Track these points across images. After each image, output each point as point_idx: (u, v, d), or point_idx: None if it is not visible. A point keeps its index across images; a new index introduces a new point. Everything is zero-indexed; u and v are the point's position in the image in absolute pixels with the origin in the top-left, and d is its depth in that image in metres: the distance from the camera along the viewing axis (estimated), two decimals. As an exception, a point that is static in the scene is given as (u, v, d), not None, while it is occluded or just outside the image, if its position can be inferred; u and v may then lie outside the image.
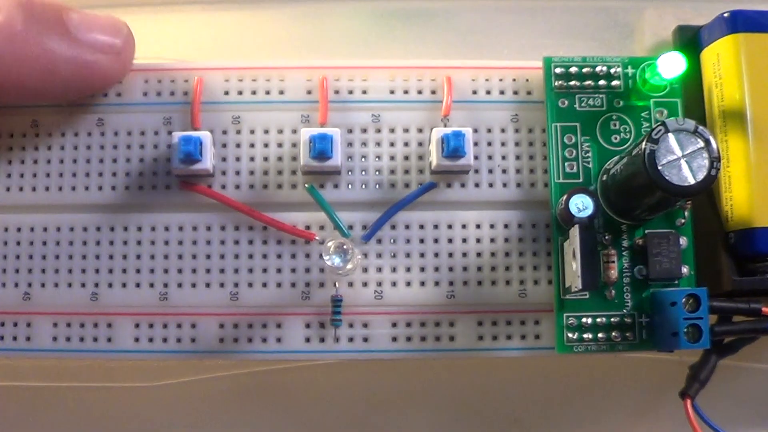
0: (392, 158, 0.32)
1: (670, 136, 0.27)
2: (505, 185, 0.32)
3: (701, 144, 0.27)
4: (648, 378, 0.35)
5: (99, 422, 0.35)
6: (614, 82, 0.32)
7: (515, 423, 0.35)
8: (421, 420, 0.35)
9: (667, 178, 0.27)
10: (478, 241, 0.32)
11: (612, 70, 0.32)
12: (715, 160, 0.27)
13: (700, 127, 0.27)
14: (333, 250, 0.30)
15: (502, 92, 0.33)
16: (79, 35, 0.30)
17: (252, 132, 0.32)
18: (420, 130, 0.32)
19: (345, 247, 0.30)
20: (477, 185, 0.32)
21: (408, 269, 0.32)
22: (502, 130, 0.33)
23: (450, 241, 0.32)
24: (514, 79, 0.33)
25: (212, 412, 0.35)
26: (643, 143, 0.27)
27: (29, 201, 0.32)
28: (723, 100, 0.32)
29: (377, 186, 0.32)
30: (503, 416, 0.35)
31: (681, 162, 0.27)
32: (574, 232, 0.28)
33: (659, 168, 0.27)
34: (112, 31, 0.31)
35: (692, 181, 0.27)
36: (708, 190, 0.32)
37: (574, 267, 0.28)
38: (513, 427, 0.35)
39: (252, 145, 0.32)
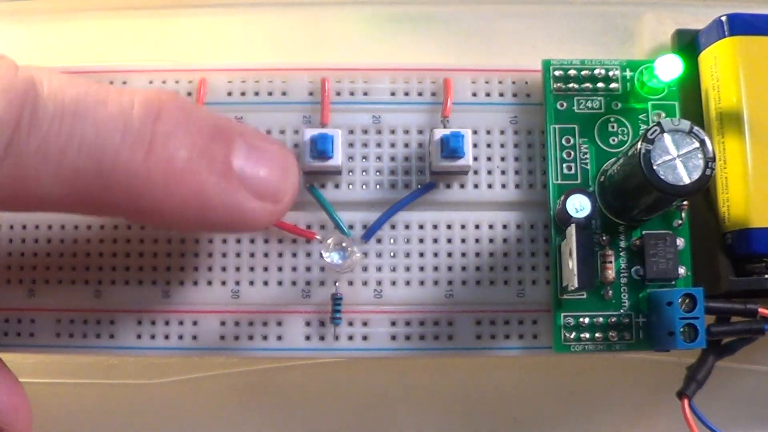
0: (392, 159, 0.33)
1: (666, 136, 0.28)
2: (503, 186, 0.33)
3: (696, 144, 0.27)
4: (646, 378, 0.35)
5: (101, 419, 0.35)
6: (612, 85, 0.32)
7: (513, 422, 0.35)
8: (420, 418, 0.35)
9: (662, 177, 0.27)
10: (476, 241, 0.32)
11: (610, 73, 0.32)
12: (710, 161, 0.27)
13: (696, 128, 0.28)
14: (332, 247, 0.30)
15: (501, 95, 0.33)
16: (243, 178, 0.26)
17: (254, 132, 0.33)
18: (420, 132, 0.33)
19: (344, 244, 0.30)
20: (476, 186, 0.33)
21: (407, 269, 0.32)
22: (502, 132, 0.33)
23: (449, 241, 0.32)
24: (513, 82, 0.33)
25: (213, 409, 0.35)
26: (639, 143, 0.28)
27: (34, 199, 0.32)
28: (720, 102, 0.32)
29: (377, 186, 0.32)
30: (501, 415, 0.35)
31: (676, 162, 0.27)
32: (571, 231, 0.29)
33: (654, 168, 0.27)
34: (282, 172, 0.28)
35: (687, 181, 0.27)
36: (705, 191, 0.32)
37: (570, 266, 0.29)
38: (511, 425, 0.35)
39: (254, 146, 0.33)
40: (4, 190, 0.24)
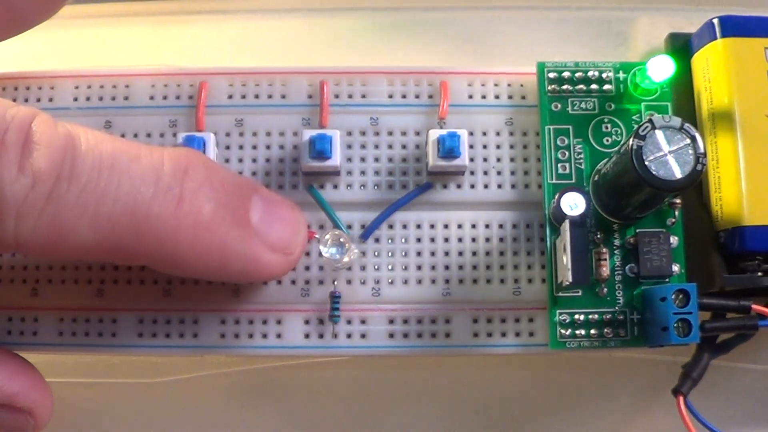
0: (390, 160, 0.33)
1: (657, 132, 0.28)
2: (499, 186, 0.33)
3: (687, 140, 0.28)
4: (642, 377, 0.35)
5: (102, 418, 0.36)
6: (606, 86, 0.33)
7: (510, 419, 0.36)
8: (417, 415, 0.36)
9: (654, 173, 0.28)
10: (473, 240, 0.33)
11: (604, 75, 0.33)
12: (700, 156, 0.28)
13: (686, 124, 0.28)
14: (330, 242, 0.31)
15: (497, 97, 0.34)
16: (259, 231, 0.29)
17: (254, 134, 0.33)
18: (417, 133, 0.33)
19: (342, 239, 0.31)
20: (472, 186, 0.33)
21: (405, 267, 0.32)
22: (497, 133, 0.33)
23: (446, 240, 0.33)
24: (508, 84, 0.34)
25: (214, 407, 0.36)
26: (631, 140, 0.28)
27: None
28: (712, 102, 0.32)
29: (375, 187, 0.33)
30: (498, 412, 0.36)
31: (668, 158, 0.28)
32: (565, 227, 0.29)
33: (646, 163, 0.28)
34: (293, 228, 0.30)
35: (679, 176, 0.28)
36: (698, 190, 0.33)
37: (565, 261, 0.29)
38: (508, 423, 0.36)
39: (254, 147, 0.33)
40: (44, 238, 0.26)
